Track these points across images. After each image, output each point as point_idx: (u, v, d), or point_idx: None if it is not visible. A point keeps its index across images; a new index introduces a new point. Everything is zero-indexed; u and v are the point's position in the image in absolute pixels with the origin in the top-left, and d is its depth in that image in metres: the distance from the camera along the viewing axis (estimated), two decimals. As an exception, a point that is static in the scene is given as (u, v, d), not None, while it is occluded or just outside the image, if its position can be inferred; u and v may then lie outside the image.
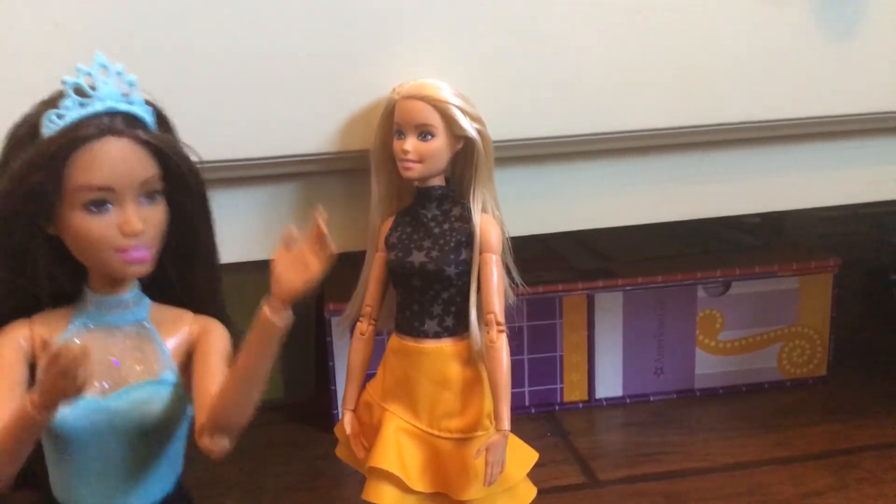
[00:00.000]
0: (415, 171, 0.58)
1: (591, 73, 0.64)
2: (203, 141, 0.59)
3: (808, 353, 0.98)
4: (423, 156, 0.58)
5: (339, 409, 0.64)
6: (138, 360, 0.48)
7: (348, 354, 0.63)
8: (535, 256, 0.99)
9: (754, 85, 0.67)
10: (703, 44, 0.66)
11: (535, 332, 0.93)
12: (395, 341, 0.61)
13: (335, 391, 0.91)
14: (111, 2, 0.57)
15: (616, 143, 0.68)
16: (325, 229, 0.44)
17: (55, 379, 0.39)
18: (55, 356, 0.39)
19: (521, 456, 0.62)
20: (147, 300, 0.51)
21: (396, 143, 0.59)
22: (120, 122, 0.46)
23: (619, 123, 0.66)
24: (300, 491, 0.80)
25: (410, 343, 0.60)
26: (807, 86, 0.68)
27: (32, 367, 0.48)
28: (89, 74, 0.46)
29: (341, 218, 0.66)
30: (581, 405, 0.96)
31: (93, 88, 0.46)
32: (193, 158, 0.51)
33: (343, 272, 0.67)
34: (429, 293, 0.59)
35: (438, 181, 0.60)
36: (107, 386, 0.47)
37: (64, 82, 0.45)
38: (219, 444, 0.46)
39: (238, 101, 0.60)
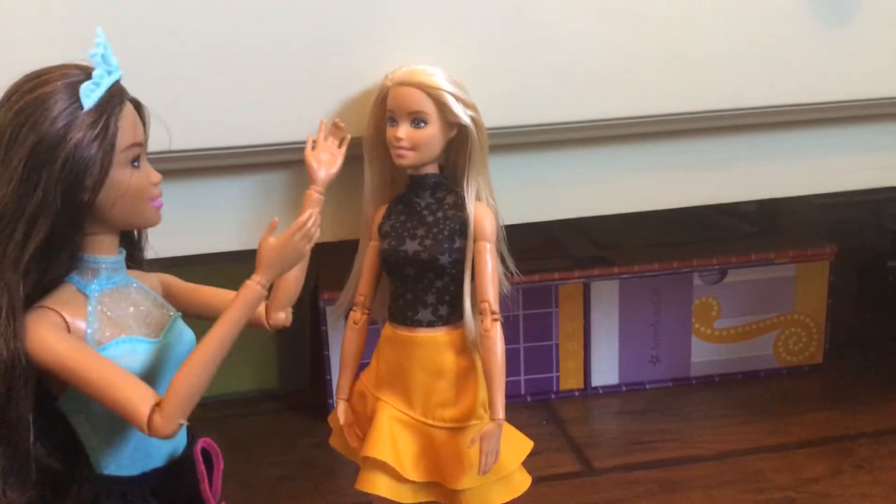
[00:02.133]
0: (408, 158, 0.58)
1: (586, 59, 0.64)
2: (194, 129, 0.59)
3: (805, 341, 0.98)
4: (417, 143, 0.57)
5: (334, 398, 0.64)
6: (156, 305, 0.52)
7: (341, 344, 0.63)
8: (532, 244, 0.99)
9: (750, 71, 0.67)
10: (699, 30, 0.65)
11: (531, 320, 0.93)
12: (388, 330, 0.61)
13: (330, 381, 0.90)
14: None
15: (612, 130, 0.67)
16: (339, 123, 0.60)
17: (298, 243, 0.49)
18: (304, 221, 0.49)
19: (516, 445, 0.61)
20: None
21: (389, 131, 0.58)
22: (123, 87, 0.49)
23: (615, 110, 0.65)
24: (294, 480, 0.80)
25: (404, 332, 0.60)
26: (803, 72, 0.67)
27: None
28: (104, 45, 0.48)
29: (334, 206, 0.66)
30: (577, 393, 0.95)
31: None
32: None
33: (337, 261, 0.67)
34: (422, 282, 0.59)
35: (432, 169, 0.60)
36: (153, 328, 0.51)
37: (93, 55, 0.47)
38: (289, 317, 0.56)
39: (229, 88, 0.60)
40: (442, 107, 0.57)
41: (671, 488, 0.76)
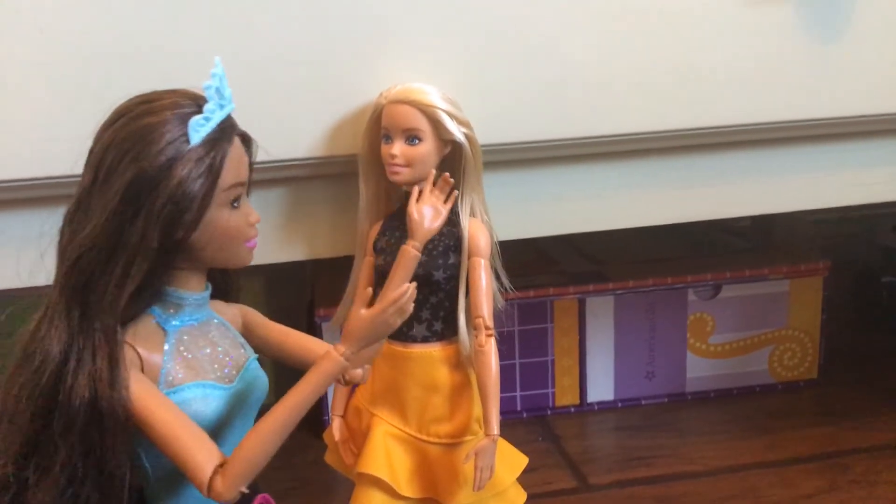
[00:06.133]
0: (403, 175, 0.58)
1: (580, 76, 0.64)
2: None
3: (799, 356, 0.98)
4: (411, 160, 0.58)
5: (329, 414, 0.64)
6: (235, 345, 0.50)
7: (337, 360, 0.63)
8: (527, 260, 0.99)
9: (744, 88, 0.67)
10: (693, 47, 0.66)
11: (526, 336, 0.93)
12: (383, 346, 0.61)
13: (325, 397, 0.90)
14: (96, 8, 0.56)
15: (606, 147, 0.68)
16: (448, 178, 0.57)
17: (391, 317, 0.47)
18: (399, 295, 0.47)
19: (511, 461, 0.61)
20: None
21: (384, 148, 0.59)
22: (234, 121, 0.48)
23: (610, 127, 0.66)
24: (290, 497, 0.80)
25: (399, 348, 0.60)
26: (796, 89, 0.68)
27: None
28: (220, 77, 0.47)
29: (329, 223, 0.66)
30: (572, 409, 0.95)
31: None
32: None
33: (333, 277, 0.67)
34: (417, 298, 0.58)
35: (426, 185, 0.60)
36: (228, 372, 0.49)
37: (208, 87, 0.46)
38: (366, 374, 0.52)
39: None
40: (436, 124, 0.58)
41: (667, 504, 0.76)
